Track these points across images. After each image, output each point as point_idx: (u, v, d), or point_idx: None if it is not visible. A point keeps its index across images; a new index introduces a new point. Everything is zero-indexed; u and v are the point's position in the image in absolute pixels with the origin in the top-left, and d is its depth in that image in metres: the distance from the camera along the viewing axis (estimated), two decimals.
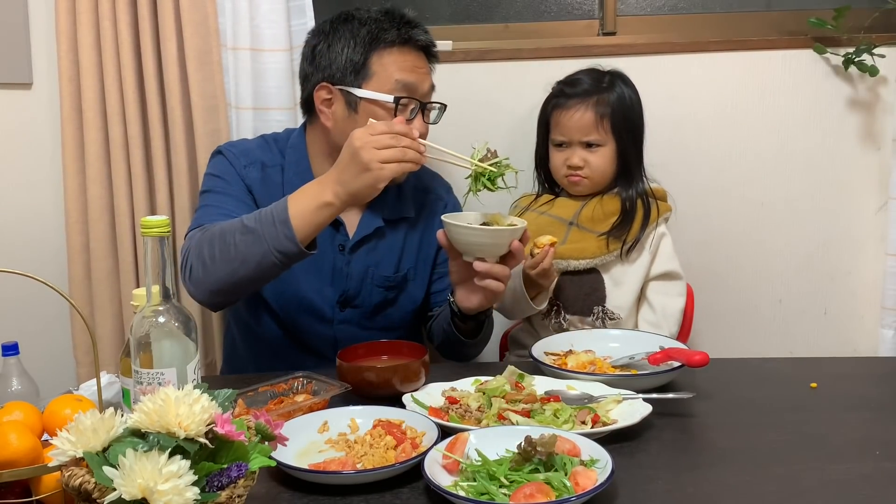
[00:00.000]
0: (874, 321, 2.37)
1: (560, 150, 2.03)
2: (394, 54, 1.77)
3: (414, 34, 1.79)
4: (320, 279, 1.82)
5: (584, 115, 1.98)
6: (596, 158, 1.98)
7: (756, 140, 2.33)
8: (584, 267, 1.96)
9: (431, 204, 1.93)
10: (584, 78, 2.03)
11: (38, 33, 2.24)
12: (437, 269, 1.93)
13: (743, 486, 1.21)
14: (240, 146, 1.88)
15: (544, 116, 2.07)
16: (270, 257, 1.55)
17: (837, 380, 1.64)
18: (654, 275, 2.00)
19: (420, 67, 1.80)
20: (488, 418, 1.38)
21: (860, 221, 2.36)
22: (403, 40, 1.77)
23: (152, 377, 1.15)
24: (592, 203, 2.01)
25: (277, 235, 1.54)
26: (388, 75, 1.75)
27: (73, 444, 0.97)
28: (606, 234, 1.95)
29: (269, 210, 1.57)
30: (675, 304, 2.00)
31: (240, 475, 0.97)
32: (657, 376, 1.55)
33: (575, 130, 1.99)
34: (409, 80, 1.76)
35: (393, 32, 1.76)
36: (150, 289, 1.15)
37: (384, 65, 1.76)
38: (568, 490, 1.12)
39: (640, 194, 2.00)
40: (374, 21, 1.78)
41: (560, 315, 1.98)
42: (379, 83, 1.76)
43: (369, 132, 1.54)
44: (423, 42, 1.80)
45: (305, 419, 1.37)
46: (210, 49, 2.12)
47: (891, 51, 2.24)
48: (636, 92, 2.03)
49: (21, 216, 2.31)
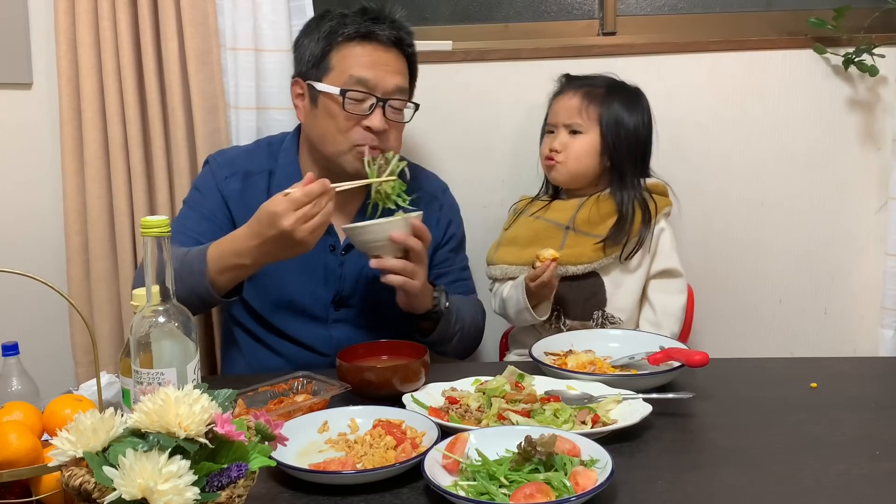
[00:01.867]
0: (874, 321, 2.37)
1: (549, 136, 2.03)
2: (352, 48, 1.75)
3: (375, 28, 1.75)
4: (313, 280, 1.82)
5: (571, 99, 1.99)
6: (575, 144, 1.97)
7: (756, 140, 2.33)
8: (583, 272, 1.95)
9: (426, 205, 1.92)
10: (596, 76, 2.04)
11: (38, 33, 2.24)
12: (435, 269, 1.93)
13: (743, 486, 1.21)
14: (227, 155, 1.89)
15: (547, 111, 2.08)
16: (194, 297, 1.57)
17: (837, 380, 1.64)
18: (653, 273, 1.98)
19: (383, 63, 1.76)
20: (488, 418, 1.38)
21: (860, 221, 2.36)
22: (362, 35, 1.75)
23: (152, 377, 1.15)
24: (588, 204, 1.98)
25: (197, 282, 1.58)
26: (345, 69, 1.74)
27: (73, 444, 0.97)
28: (604, 239, 1.93)
29: (192, 256, 1.61)
30: (676, 302, 1.98)
31: (240, 475, 0.97)
32: (657, 376, 1.55)
33: (561, 112, 2.00)
34: (365, 75, 1.73)
35: (352, 27, 1.75)
36: (150, 289, 1.15)
37: (342, 58, 1.75)
38: (568, 490, 1.12)
39: (634, 197, 1.96)
40: (339, 17, 1.77)
41: (560, 320, 1.96)
42: (335, 77, 1.75)
43: (292, 208, 1.50)
44: (387, 37, 1.76)
45: (305, 419, 1.37)
46: (210, 49, 2.12)
47: (891, 51, 2.24)
48: (642, 105, 2.00)
49: (20, 216, 2.31)
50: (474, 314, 1.93)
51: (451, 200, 2.00)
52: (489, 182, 2.33)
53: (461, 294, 1.94)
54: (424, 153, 2.27)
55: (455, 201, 2.01)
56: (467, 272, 2.01)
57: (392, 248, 1.65)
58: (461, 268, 1.99)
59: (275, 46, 2.14)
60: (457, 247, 1.98)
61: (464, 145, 2.33)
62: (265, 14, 2.13)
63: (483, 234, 2.16)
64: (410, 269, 1.66)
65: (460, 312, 1.84)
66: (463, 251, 2.01)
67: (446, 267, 1.95)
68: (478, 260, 2.11)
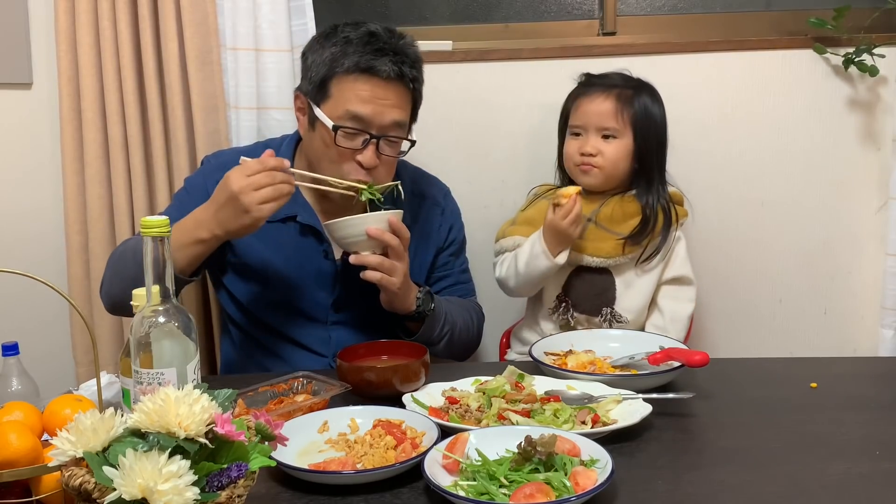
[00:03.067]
0: (874, 321, 2.37)
1: (575, 138, 2.00)
2: (351, 81, 1.69)
3: (376, 63, 1.67)
4: (310, 285, 1.81)
5: (604, 102, 1.96)
6: (610, 149, 1.95)
7: (756, 140, 2.33)
8: (598, 265, 1.95)
9: (428, 210, 1.91)
10: (614, 74, 2.03)
11: (38, 33, 2.24)
12: (435, 273, 1.92)
13: (743, 486, 1.21)
14: (222, 157, 1.87)
15: (566, 108, 2.05)
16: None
17: (837, 380, 1.63)
18: (665, 279, 1.98)
19: (382, 98, 1.69)
20: (488, 418, 1.38)
21: (860, 221, 2.36)
22: (362, 69, 1.68)
23: (152, 377, 1.14)
24: (612, 202, 1.98)
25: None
26: (342, 101, 1.69)
27: (73, 444, 0.97)
28: (626, 238, 1.92)
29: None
30: (684, 309, 1.98)
31: (240, 475, 0.97)
32: (657, 376, 1.55)
33: (593, 115, 1.96)
34: (360, 111, 1.68)
35: (353, 58, 1.68)
36: (150, 289, 1.15)
37: (340, 90, 1.70)
38: (568, 490, 1.12)
39: (660, 202, 1.96)
40: (345, 42, 1.70)
41: (568, 312, 1.97)
42: (333, 107, 1.70)
43: (245, 173, 1.55)
44: (388, 72, 1.68)
45: (305, 419, 1.37)
46: (210, 49, 2.12)
47: (891, 51, 2.24)
48: (663, 107, 2.00)
49: (21, 216, 2.31)
50: (468, 318, 1.90)
51: (453, 205, 1.99)
52: (489, 182, 2.33)
53: (460, 296, 1.93)
54: (424, 153, 2.26)
55: (456, 205, 2.00)
56: (467, 275, 2.01)
57: (370, 244, 1.65)
58: (461, 271, 1.98)
59: (275, 46, 2.14)
60: (457, 250, 1.97)
61: (464, 145, 2.33)
62: (265, 14, 2.13)
63: (483, 234, 2.15)
64: (388, 265, 1.65)
65: (450, 315, 1.82)
66: (463, 254, 2.01)
67: (447, 270, 1.95)
68: (478, 261, 2.11)
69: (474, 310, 1.96)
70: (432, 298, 1.78)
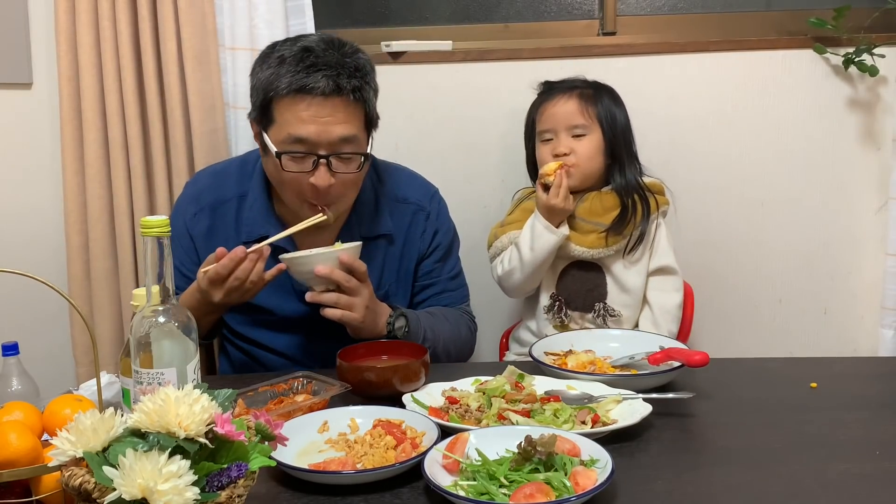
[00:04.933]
0: (874, 321, 2.37)
1: (547, 143, 2.03)
2: (288, 103, 1.60)
3: (309, 81, 1.58)
4: (289, 300, 1.77)
5: (568, 102, 2.02)
6: (582, 146, 1.99)
7: (756, 140, 2.33)
8: (585, 256, 1.98)
9: (412, 215, 1.83)
10: (572, 78, 2.08)
11: (38, 33, 2.24)
12: (420, 281, 1.86)
13: (743, 486, 1.21)
14: (199, 184, 1.82)
15: (530, 117, 2.10)
16: None
17: (837, 380, 1.63)
18: (651, 269, 2.02)
19: (323, 116, 1.59)
20: (488, 418, 1.38)
21: (860, 221, 2.36)
22: (296, 89, 1.59)
23: (152, 377, 1.14)
24: (590, 198, 2.01)
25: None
26: (283, 125, 1.61)
27: (73, 444, 0.97)
28: (607, 229, 1.96)
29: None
30: (672, 300, 2.01)
31: (240, 475, 0.97)
32: (657, 376, 1.55)
33: (560, 116, 2.01)
34: (303, 133, 1.59)
35: (286, 79, 1.59)
36: (150, 289, 1.15)
37: (281, 113, 1.62)
38: (568, 490, 1.12)
39: (635, 189, 2.01)
40: (279, 63, 1.61)
41: (562, 310, 2.00)
42: (277, 132, 1.63)
43: (218, 282, 1.58)
44: (324, 88, 1.58)
45: (305, 419, 1.37)
46: (208, 49, 2.12)
47: (891, 51, 2.24)
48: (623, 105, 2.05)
49: (21, 216, 2.31)
50: (454, 330, 1.83)
51: (439, 206, 1.87)
52: (489, 182, 2.33)
53: (448, 305, 1.87)
54: (424, 153, 2.27)
55: (444, 206, 1.89)
56: (457, 281, 1.91)
57: (323, 281, 1.59)
58: (449, 277, 1.88)
59: None
60: (444, 255, 1.87)
61: (464, 145, 2.33)
62: (262, 14, 2.13)
63: (483, 234, 2.15)
64: (345, 301, 1.59)
65: (430, 332, 1.75)
66: (453, 257, 1.90)
67: (432, 278, 1.86)
68: (478, 261, 2.11)
69: (462, 318, 1.88)
70: (407, 320, 1.71)
